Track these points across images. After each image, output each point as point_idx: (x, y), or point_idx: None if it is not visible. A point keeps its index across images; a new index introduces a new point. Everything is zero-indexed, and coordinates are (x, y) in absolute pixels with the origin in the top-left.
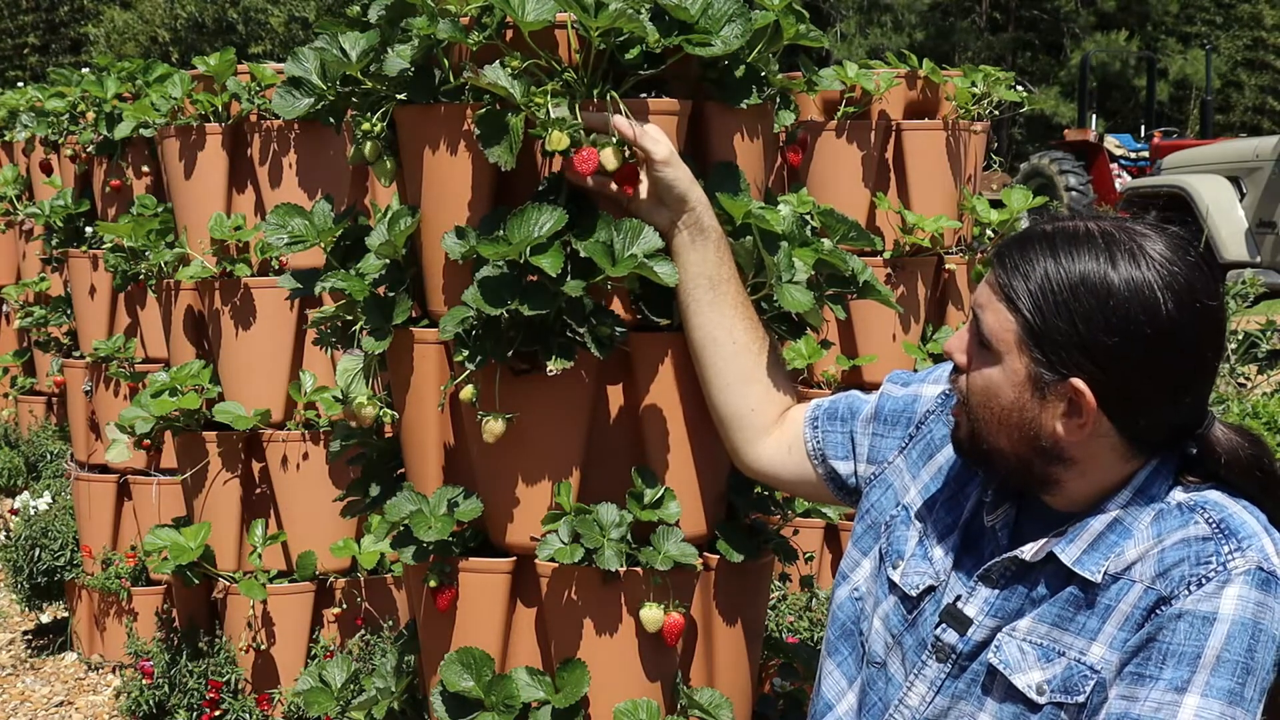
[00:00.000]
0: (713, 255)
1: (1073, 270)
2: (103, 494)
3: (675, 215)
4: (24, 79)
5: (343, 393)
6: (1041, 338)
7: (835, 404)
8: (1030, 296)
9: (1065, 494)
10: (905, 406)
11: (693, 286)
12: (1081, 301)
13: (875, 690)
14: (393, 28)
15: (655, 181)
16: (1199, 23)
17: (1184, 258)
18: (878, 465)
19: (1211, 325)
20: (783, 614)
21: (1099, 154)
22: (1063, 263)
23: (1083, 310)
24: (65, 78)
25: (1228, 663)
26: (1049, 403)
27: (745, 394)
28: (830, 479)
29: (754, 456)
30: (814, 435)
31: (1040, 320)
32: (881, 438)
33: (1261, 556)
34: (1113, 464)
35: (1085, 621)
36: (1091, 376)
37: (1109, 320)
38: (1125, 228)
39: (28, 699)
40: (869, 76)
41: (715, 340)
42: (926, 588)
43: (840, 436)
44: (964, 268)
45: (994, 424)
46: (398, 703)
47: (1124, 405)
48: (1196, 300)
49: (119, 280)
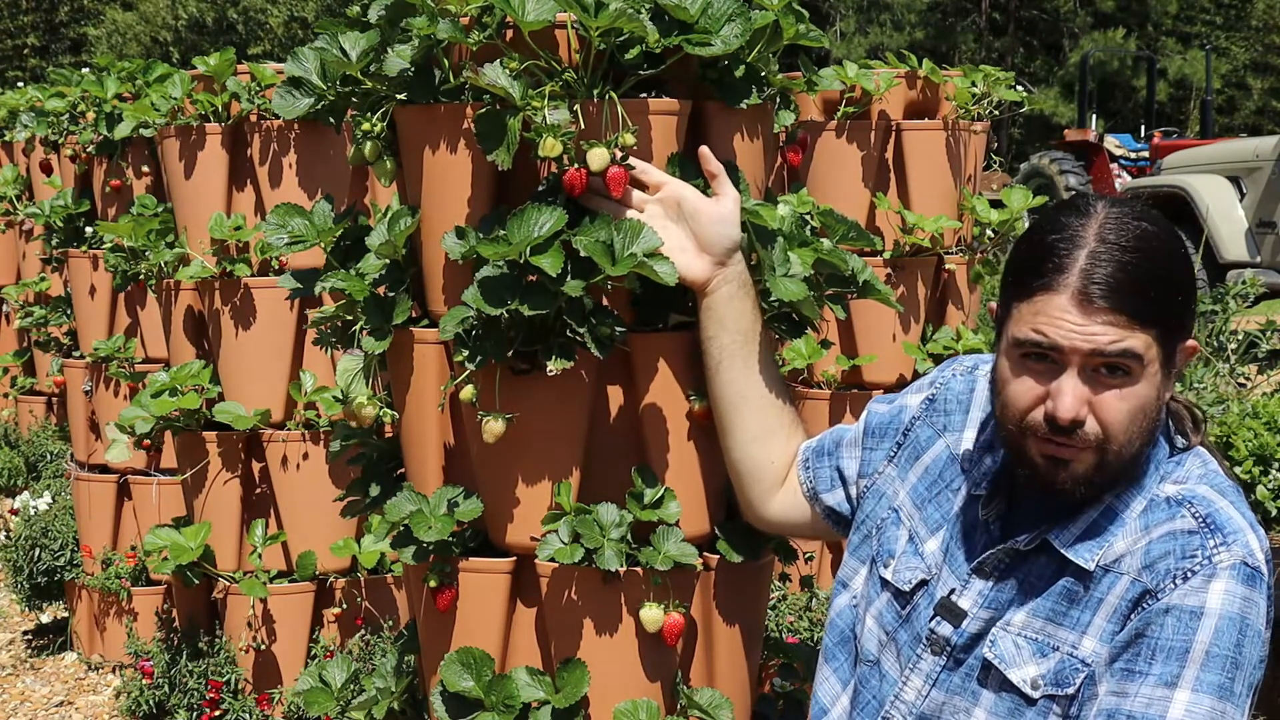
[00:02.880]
0: (750, 309)
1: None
2: (103, 494)
3: (720, 265)
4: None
5: (343, 393)
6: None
7: (822, 441)
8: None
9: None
10: (892, 418)
11: (728, 341)
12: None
13: (869, 689)
14: (393, 28)
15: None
16: (1198, 23)
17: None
18: (869, 478)
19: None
20: (783, 614)
21: (1099, 154)
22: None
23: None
24: (65, 78)
25: (1216, 658)
26: (1171, 376)
27: (768, 447)
28: (827, 515)
29: (769, 509)
30: (806, 476)
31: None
32: (871, 450)
33: (1246, 552)
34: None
35: (1078, 615)
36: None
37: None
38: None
39: (28, 699)
40: (869, 76)
41: (745, 396)
42: (919, 582)
43: (827, 471)
44: (964, 268)
45: (1139, 436)
46: (398, 703)
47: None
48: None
49: (119, 280)
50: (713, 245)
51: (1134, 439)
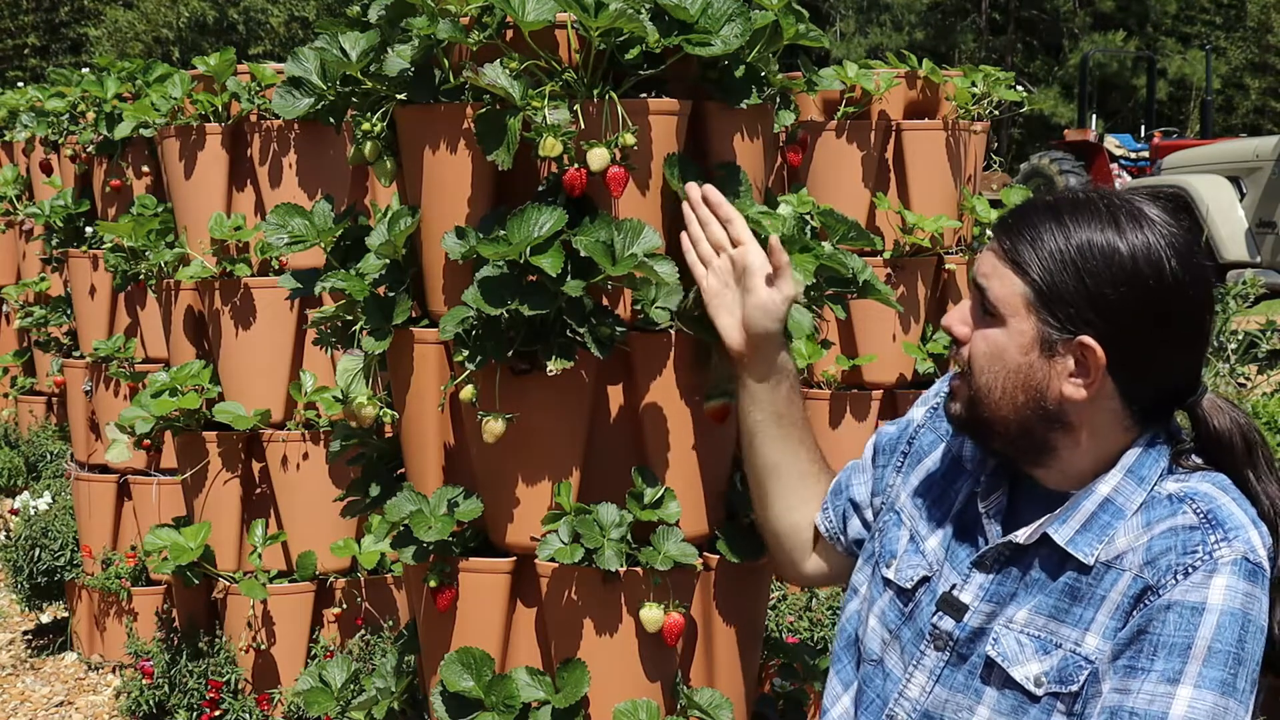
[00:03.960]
0: (786, 393)
1: (1079, 233)
2: (103, 494)
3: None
4: (24, 79)
5: (343, 393)
6: (1050, 298)
7: (836, 480)
8: (1038, 259)
9: (1060, 467)
10: (900, 433)
11: (763, 420)
12: (1089, 261)
13: (872, 688)
14: (393, 28)
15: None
16: (1198, 23)
17: (1179, 220)
18: (882, 494)
19: (1208, 285)
20: (783, 614)
21: (1099, 154)
22: (1068, 227)
23: (1091, 269)
24: (65, 78)
25: (1219, 653)
26: (1056, 362)
27: (804, 512)
28: (849, 551)
29: (806, 570)
30: (824, 518)
31: (1049, 280)
32: (882, 469)
33: (1248, 548)
34: (1110, 432)
35: (1081, 612)
36: (1100, 333)
37: (1117, 277)
38: (1123, 195)
39: (28, 699)
40: (869, 76)
41: (778, 468)
42: (921, 579)
43: (842, 504)
44: (964, 268)
45: (998, 388)
46: (398, 703)
47: (1130, 365)
48: (1195, 259)
49: (119, 280)
50: (751, 325)
51: (995, 388)
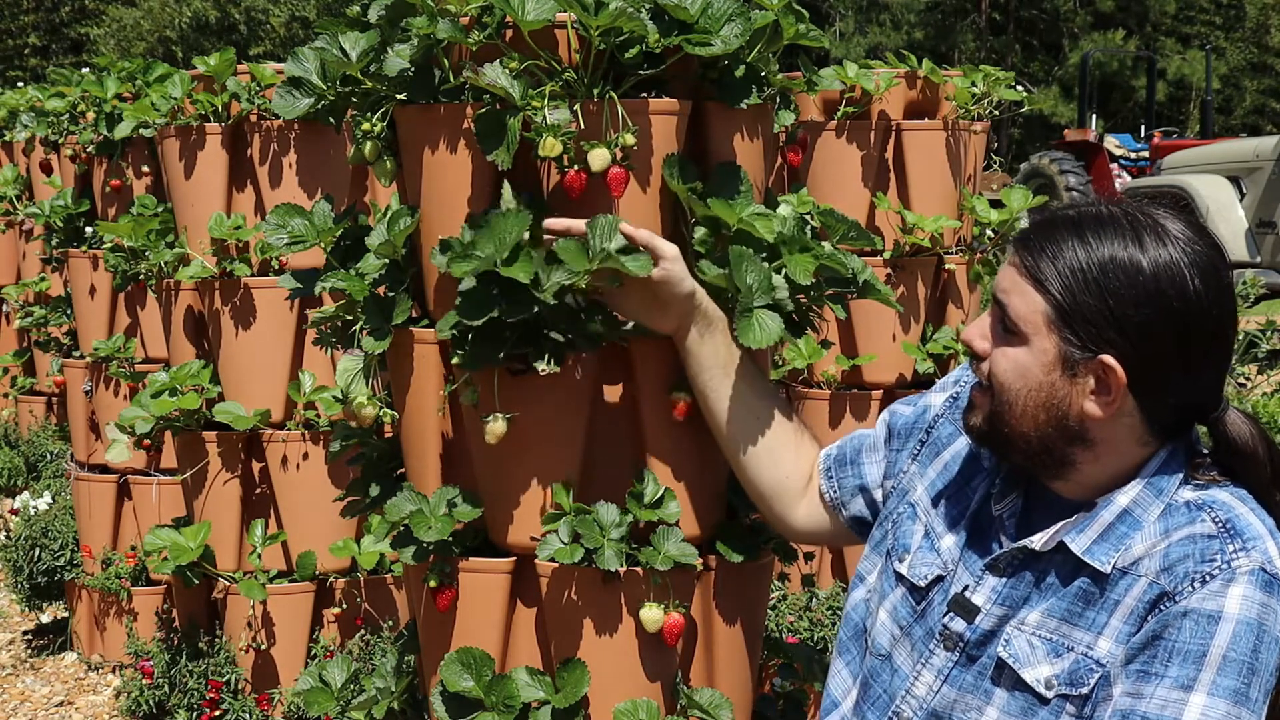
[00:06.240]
0: (722, 343)
1: (1100, 250)
2: (103, 494)
3: (682, 314)
4: (24, 79)
5: (343, 393)
6: (1071, 316)
7: (843, 449)
8: (1059, 277)
9: (1078, 479)
10: (917, 418)
11: (708, 377)
12: (1111, 279)
13: (879, 682)
14: (393, 28)
15: (664, 280)
16: (1198, 23)
17: (1203, 236)
18: (894, 478)
19: (1231, 302)
20: (783, 614)
21: (1099, 154)
22: (1090, 243)
23: (1113, 287)
24: (65, 78)
25: (1234, 662)
26: (1078, 381)
27: (777, 462)
28: (851, 524)
29: (795, 522)
30: (829, 486)
31: (1070, 300)
32: (897, 452)
33: (1265, 558)
34: (1129, 447)
35: (1094, 616)
36: (1121, 353)
37: (1139, 296)
38: (1145, 209)
39: (28, 699)
40: (869, 76)
41: (736, 418)
42: (935, 578)
43: (850, 481)
44: (964, 268)
45: (1019, 406)
46: (398, 703)
47: (1150, 383)
48: (1219, 277)
49: (119, 280)
50: (667, 305)
51: (1016, 405)
